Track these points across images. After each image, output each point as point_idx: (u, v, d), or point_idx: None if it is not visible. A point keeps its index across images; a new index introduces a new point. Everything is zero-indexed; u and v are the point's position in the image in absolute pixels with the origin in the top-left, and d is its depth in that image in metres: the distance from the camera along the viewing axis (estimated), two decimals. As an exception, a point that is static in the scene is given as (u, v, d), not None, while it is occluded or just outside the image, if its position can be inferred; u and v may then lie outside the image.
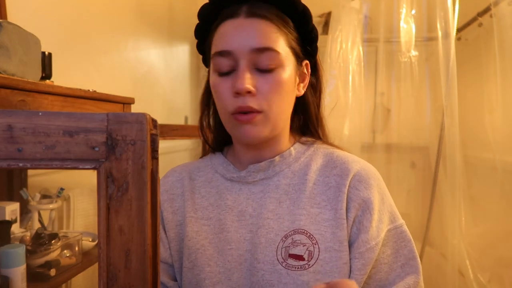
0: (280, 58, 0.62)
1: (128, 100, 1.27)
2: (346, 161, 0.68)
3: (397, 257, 0.64)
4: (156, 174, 0.30)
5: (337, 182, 0.65)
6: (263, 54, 0.60)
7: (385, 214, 0.65)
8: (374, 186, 0.65)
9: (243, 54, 0.61)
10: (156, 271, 0.30)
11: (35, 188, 1.32)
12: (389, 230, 0.64)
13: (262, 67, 0.61)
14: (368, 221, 0.62)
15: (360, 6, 2.27)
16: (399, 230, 0.65)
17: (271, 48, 0.61)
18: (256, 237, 0.63)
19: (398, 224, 0.65)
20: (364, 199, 0.63)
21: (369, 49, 2.52)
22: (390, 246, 0.64)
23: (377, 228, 0.62)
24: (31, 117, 0.27)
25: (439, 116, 2.32)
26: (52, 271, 1.05)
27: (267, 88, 0.61)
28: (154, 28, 2.32)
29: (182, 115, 2.81)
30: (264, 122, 0.62)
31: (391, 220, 0.65)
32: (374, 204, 0.63)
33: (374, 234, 0.62)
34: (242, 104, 0.61)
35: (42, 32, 1.07)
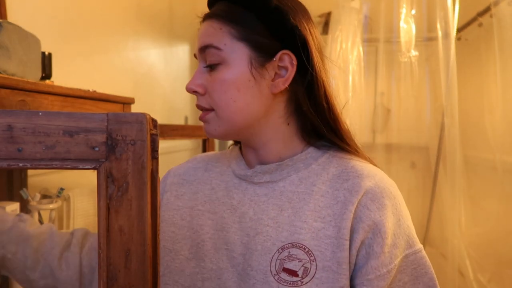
0: (220, 54, 0.60)
1: (128, 100, 1.27)
2: (361, 175, 0.61)
3: (416, 285, 0.59)
4: (156, 174, 0.30)
5: (345, 197, 0.59)
6: (205, 53, 0.62)
7: (401, 238, 0.58)
8: (388, 206, 0.59)
9: (198, 57, 0.64)
10: (156, 271, 0.30)
11: (35, 188, 1.32)
12: (406, 256, 0.58)
13: (209, 66, 0.62)
14: (379, 246, 0.57)
15: (360, 6, 2.27)
16: (418, 256, 0.59)
17: (210, 45, 0.61)
18: (253, 243, 0.61)
19: (416, 249, 0.60)
20: (376, 221, 0.57)
21: (369, 49, 2.52)
22: (408, 273, 0.58)
23: (390, 254, 0.57)
24: (31, 117, 0.27)
25: (439, 116, 2.32)
26: (52, 271, 1.05)
27: (212, 87, 0.62)
28: (154, 28, 2.33)
29: (182, 115, 2.81)
30: (217, 120, 0.63)
31: (408, 244, 0.59)
32: (387, 227, 0.57)
33: (386, 261, 0.56)
34: (196, 102, 0.65)
35: (42, 32, 1.07)
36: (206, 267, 0.63)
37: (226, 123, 0.62)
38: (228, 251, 0.63)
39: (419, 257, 0.60)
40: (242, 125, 0.62)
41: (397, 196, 0.61)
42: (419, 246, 0.61)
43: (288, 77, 0.61)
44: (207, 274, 0.63)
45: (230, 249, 0.62)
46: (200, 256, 0.64)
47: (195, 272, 0.63)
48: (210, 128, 0.64)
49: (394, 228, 0.58)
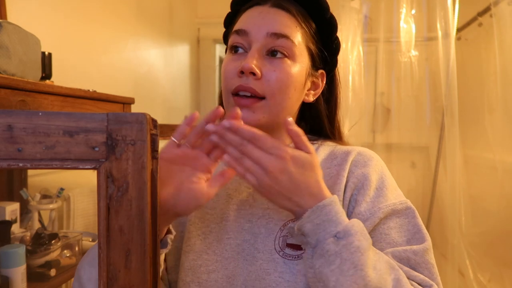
0: (293, 49, 0.61)
1: (128, 100, 1.27)
2: (347, 150, 0.67)
3: (401, 232, 0.60)
4: (156, 174, 0.30)
5: (337, 171, 0.64)
6: (278, 41, 0.60)
7: (384, 191, 0.62)
8: (372, 165, 0.64)
9: (258, 37, 0.61)
10: (156, 271, 0.30)
11: (35, 188, 1.32)
12: (388, 206, 0.60)
13: (274, 53, 0.60)
14: (362, 196, 0.61)
15: (360, 6, 2.27)
16: (403, 206, 0.61)
17: (287, 36, 0.61)
18: (256, 227, 0.62)
19: (400, 200, 0.61)
20: (359, 176, 0.62)
21: (369, 49, 2.52)
22: (394, 220, 0.60)
23: (372, 203, 0.60)
24: (31, 117, 0.27)
25: (439, 116, 2.32)
26: (52, 271, 1.05)
27: (274, 75, 0.60)
28: (154, 28, 2.33)
29: (182, 115, 2.80)
30: (264, 110, 0.60)
31: (392, 197, 0.62)
32: (371, 181, 0.62)
33: (368, 207, 0.60)
34: (245, 83, 0.59)
35: (42, 32, 1.07)
36: (210, 259, 0.63)
37: (272, 116, 0.61)
38: (231, 239, 0.63)
39: (404, 207, 0.61)
40: (278, 123, 0.63)
41: (381, 160, 0.67)
42: (403, 199, 0.62)
43: (318, 92, 0.69)
44: (212, 266, 0.63)
45: (233, 238, 0.63)
46: (203, 249, 0.64)
47: (197, 265, 0.63)
48: (254, 117, 0.60)
49: (378, 182, 0.62)
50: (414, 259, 0.56)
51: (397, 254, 0.56)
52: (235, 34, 0.63)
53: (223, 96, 0.65)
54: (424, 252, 0.57)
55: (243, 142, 0.52)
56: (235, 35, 0.63)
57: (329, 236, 0.50)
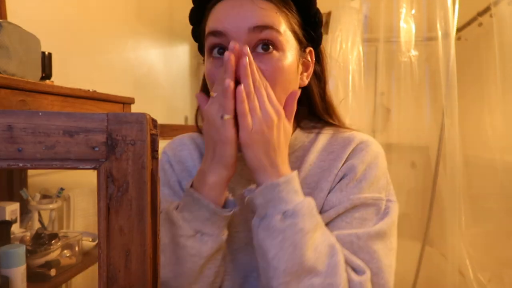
0: (281, 40, 0.56)
1: (128, 100, 1.27)
2: (347, 139, 0.64)
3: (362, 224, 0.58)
4: (156, 174, 0.30)
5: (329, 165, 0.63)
6: (262, 34, 0.55)
7: (362, 184, 0.60)
8: (363, 156, 0.62)
9: (240, 35, 0.55)
10: (156, 271, 0.30)
11: (35, 188, 1.32)
12: (359, 198, 0.59)
13: (261, 49, 0.55)
14: (339, 185, 0.60)
15: (360, 6, 2.27)
16: (373, 202, 0.59)
17: (271, 27, 0.55)
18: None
19: (373, 196, 0.60)
20: (348, 165, 0.61)
21: (369, 49, 2.52)
22: (360, 212, 0.59)
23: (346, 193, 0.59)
24: (31, 117, 0.27)
25: (439, 116, 2.32)
26: (52, 271, 1.05)
27: (266, 74, 0.56)
28: (154, 28, 2.32)
29: (182, 115, 2.81)
30: None
31: (368, 191, 0.60)
32: (355, 172, 0.60)
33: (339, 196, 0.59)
34: None
35: (42, 32, 1.07)
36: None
37: None
38: (239, 232, 0.64)
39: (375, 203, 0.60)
40: None
41: (374, 151, 0.63)
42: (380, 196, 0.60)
43: (311, 72, 0.64)
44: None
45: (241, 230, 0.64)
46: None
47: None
48: None
49: (362, 173, 0.61)
50: (357, 243, 0.56)
51: (341, 237, 0.56)
52: (211, 36, 0.57)
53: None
54: (367, 237, 0.56)
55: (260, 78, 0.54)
56: (212, 37, 0.57)
57: (277, 213, 0.52)
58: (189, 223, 0.55)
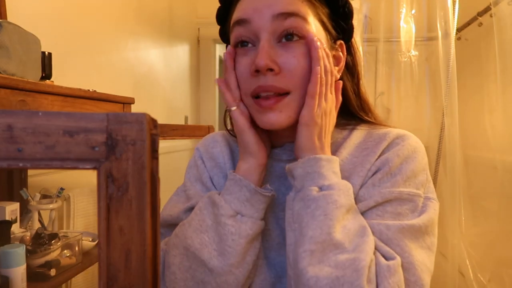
0: (306, 27, 0.53)
1: (128, 100, 1.27)
2: (383, 134, 0.60)
3: (395, 218, 0.54)
4: (156, 174, 0.30)
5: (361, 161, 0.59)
6: (286, 21, 0.53)
7: (396, 178, 0.55)
8: (398, 149, 0.57)
9: (264, 23, 0.53)
10: (156, 271, 0.30)
11: (35, 188, 1.32)
12: (392, 192, 0.54)
13: (288, 37, 0.53)
14: (372, 179, 0.56)
15: (360, 6, 2.27)
16: (409, 197, 0.54)
17: (296, 14, 0.53)
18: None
19: (409, 191, 0.55)
20: (382, 160, 0.57)
21: (369, 49, 2.53)
22: (393, 206, 0.54)
23: (378, 187, 0.55)
24: (31, 117, 0.27)
25: (439, 116, 2.32)
26: (52, 271, 1.05)
27: (293, 64, 0.53)
28: (154, 28, 2.33)
29: (182, 115, 2.81)
30: (291, 106, 0.55)
31: (403, 185, 0.55)
32: (390, 166, 0.56)
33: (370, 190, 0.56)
34: (264, 83, 0.53)
35: (42, 32, 1.07)
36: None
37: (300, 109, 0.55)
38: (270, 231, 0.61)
39: (411, 199, 0.55)
40: None
41: (411, 145, 0.58)
42: (418, 192, 0.55)
43: (342, 66, 0.62)
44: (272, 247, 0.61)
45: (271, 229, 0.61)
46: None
47: None
48: (282, 117, 0.55)
49: (397, 167, 0.56)
50: (386, 233, 0.52)
51: (370, 226, 0.52)
52: (236, 26, 0.56)
53: (242, 97, 0.59)
54: (399, 229, 0.52)
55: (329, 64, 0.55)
56: (237, 27, 0.56)
57: (314, 185, 0.52)
58: (230, 204, 0.56)
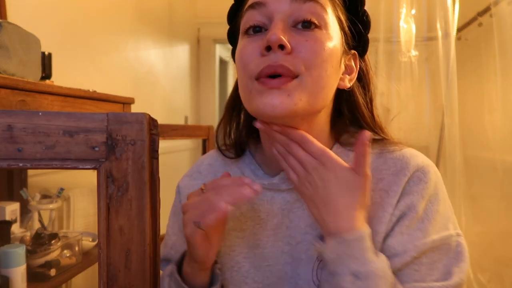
0: (324, 16, 0.50)
1: (128, 100, 1.27)
2: (401, 160, 0.55)
3: (432, 270, 0.51)
4: (156, 174, 0.30)
5: (381, 198, 0.54)
6: (305, 5, 0.49)
7: (426, 224, 0.52)
8: (422, 190, 0.53)
9: (279, 6, 0.50)
10: (156, 271, 0.30)
11: (35, 188, 1.32)
12: (425, 244, 0.52)
13: (303, 23, 0.50)
14: (400, 227, 0.52)
15: (360, 6, 2.27)
16: (442, 243, 0.52)
17: (316, 0, 0.50)
18: (296, 252, 0.57)
19: (441, 236, 0.52)
20: (408, 203, 0.52)
21: (369, 49, 2.52)
22: (428, 256, 0.52)
23: (409, 237, 0.52)
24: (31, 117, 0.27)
25: (439, 116, 2.32)
26: (52, 271, 1.05)
27: (307, 46, 0.49)
28: (154, 28, 2.33)
29: (182, 115, 2.81)
30: (300, 91, 0.48)
31: (434, 231, 0.52)
32: (416, 211, 0.52)
33: (403, 241, 0.52)
34: (273, 62, 0.48)
35: (42, 32, 1.07)
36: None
37: (311, 98, 0.49)
38: (272, 266, 0.58)
39: (444, 243, 0.52)
40: (317, 109, 0.52)
41: (434, 181, 0.55)
42: (449, 233, 0.53)
43: (354, 77, 0.58)
44: None
45: (273, 264, 0.58)
46: (240, 279, 0.59)
47: None
48: (290, 101, 0.48)
49: (424, 211, 0.53)
50: None
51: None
52: (250, 10, 0.52)
53: (242, 88, 0.53)
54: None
55: (290, 142, 0.51)
56: (251, 10, 0.52)
57: (348, 273, 0.47)
58: None
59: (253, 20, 0.52)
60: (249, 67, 0.50)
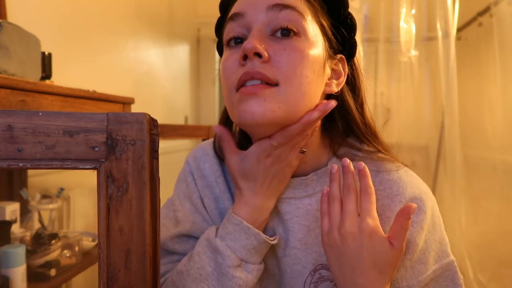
0: (302, 22, 0.50)
1: (128, 100, 1.27)
2: (399, 182, 0.55)
3: None
4: (156, 174, 0.30)
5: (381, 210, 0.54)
6: (281, 13, 0.49)
7: (426, 256, 0.53)
8: (420, 222, 0.53)
9: (257, 15, 0.50)
10: (156, 271, 0.30)
11: (35, 188, 1.32)
12: (428, 276, 0.53)
13: (281, 31, 0.49)
14: (402, 261, 0.52)
15: (360, 6, 2.27)
16: (442, 270, 0.54)
17: (293, 8, 0.49)
18: (282, 264, 0.57)
19: (440, 264, 0.54)
20: (408, 236, 0.52)
21: (369, 49, 2.53)
22: (431, 285, 0.54)
23: (412, 271, 0.53)
24: (31, 117, 0.27)
25: (439, 116, 2.32)
26: (52, 271, 1.05)
27: (285, 55, 0.48)
28: (154, 28, 2.33)
29: (182, 115, 2.81)
30: (278, 99, 0.47)
31: (433, 261, 0.54)
32: (416, 244, 0.53)
33: (407, 275, 0.53)
34: (250, 69, 0.47)
35: (42, 32, 1.07)
36: None
37: (290, 106, 0.48)
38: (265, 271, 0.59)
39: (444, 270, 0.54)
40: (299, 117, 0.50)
41: (429, 212, 0.55)
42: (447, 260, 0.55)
43: (342, 81, 0.56)
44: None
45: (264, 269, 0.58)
46: None
47: None
48: (265, 107, 0.47)
49: (423, 244, 0.54)
50: None
51: None
52: (230, 22, 0.52)
53: (226, 102, 0.53)
54: None
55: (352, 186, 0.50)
56: (230, 22, 0.52)
57: None
58: (235, 252, 0.52)
59: (233, 31, 0.52)
60: (230, 80, 0.50)
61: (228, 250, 0.52)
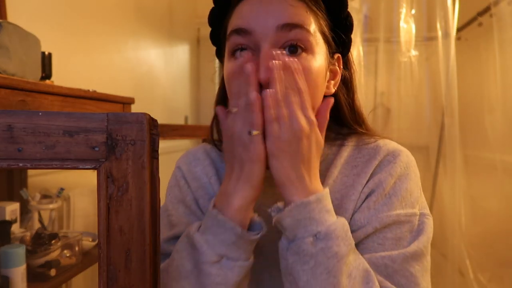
0: (310, 39, 0.52)
1: (128, 100, 1.27)
2: (373, 149, 0.59)
3: (398, 245, 0.53)
4: (156, 174, 0.30)
5: (353, 180, 0.57)
6: (291, 33, 0.51)
7: (392, 199, 0.55)
8: (391, 168, 0.56)
9: (266, 33, 0.51)
10: (156, 271, 0.30)
11: (35, 188, 1.32)
12: (389, 216, 0.54)
13: (291, 50, 0.51)
14: (367, 202, 0.55)
15: (360, 6, 2.27)
16: (407, 219, 0.54)
17: (301, 26, 0.51)
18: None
19: (407, 212, 0.55)
20: (375, 181, 0.56)
21: (369, 49, 2.52)
22: (393, 231, 0.54)
23: (374, 211, 0.54)
24: (31, 117, 0.27)
25: (439, 116, 2.32)
26: (52, 271, 1.05)
27: None
28: (154, 28, 2.33)
29: (182, 115, 2.81)
30: None
31: (400, 206, 0.55)
32: (384, 187, 0.55)
33: (367, 215, 0.54)
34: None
35: (42, 32, 1.07)
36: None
37: None
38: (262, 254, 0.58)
39: (409, 220, 0.55)
40: None
41: (404, 162, 0.58)
42: (413, 211, 0.55)
43: (338, 80, 0.59)
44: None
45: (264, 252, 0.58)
46: None
47: None
48: None
49: (391, 187, 0.55)
50: (392, 266, 0.51)
51: (374, 260, 0.52)
52: (234, 35, 0.53)
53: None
54: (403, 259, 0.52)
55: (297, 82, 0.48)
56: (235, 36, 0.53)
57: (308, 235, 0.47)
58: (213, 247, 0.49)
59: (238, 44, 0.53)
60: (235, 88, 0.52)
61: (204, 246, 0.49)
